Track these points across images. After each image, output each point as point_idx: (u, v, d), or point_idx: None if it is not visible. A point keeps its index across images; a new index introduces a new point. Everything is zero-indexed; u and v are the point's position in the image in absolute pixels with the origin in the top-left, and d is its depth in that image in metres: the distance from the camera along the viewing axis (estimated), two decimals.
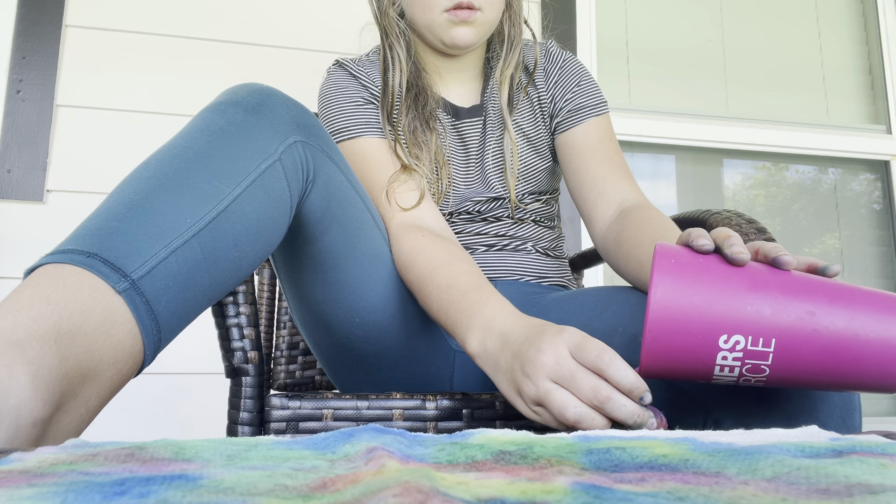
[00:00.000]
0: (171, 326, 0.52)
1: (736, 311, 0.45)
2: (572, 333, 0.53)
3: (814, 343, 0.45)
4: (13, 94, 1.41)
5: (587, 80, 0.91)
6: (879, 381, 0.46)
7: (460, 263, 0.71)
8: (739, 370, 0.46)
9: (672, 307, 0.46)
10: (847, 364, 0.45)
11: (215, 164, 0.55)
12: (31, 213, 1.39)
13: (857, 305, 0.45)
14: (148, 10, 1.50)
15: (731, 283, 0.46)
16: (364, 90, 0.87)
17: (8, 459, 0.30)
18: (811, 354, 0.45)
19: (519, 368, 0.55)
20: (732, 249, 0.47)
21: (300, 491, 0.26)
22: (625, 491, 0.26)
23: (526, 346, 0.55)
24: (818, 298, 0.45)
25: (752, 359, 0.46)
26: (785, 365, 0.46)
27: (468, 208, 0.89)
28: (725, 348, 0.46)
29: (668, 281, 0.46)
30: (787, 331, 0.45)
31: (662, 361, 0.47)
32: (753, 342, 0.45)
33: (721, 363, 0.46)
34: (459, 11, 0.81)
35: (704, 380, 0.48)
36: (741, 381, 0.48)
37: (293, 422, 0.69)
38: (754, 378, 0.47)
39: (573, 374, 0.51)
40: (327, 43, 1.57)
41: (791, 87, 1.98)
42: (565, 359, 0.51)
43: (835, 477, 0.27)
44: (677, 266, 0.47)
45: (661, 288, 0.46)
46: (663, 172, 1.88)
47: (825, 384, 0.47)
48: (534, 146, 0.91)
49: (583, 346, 0.51)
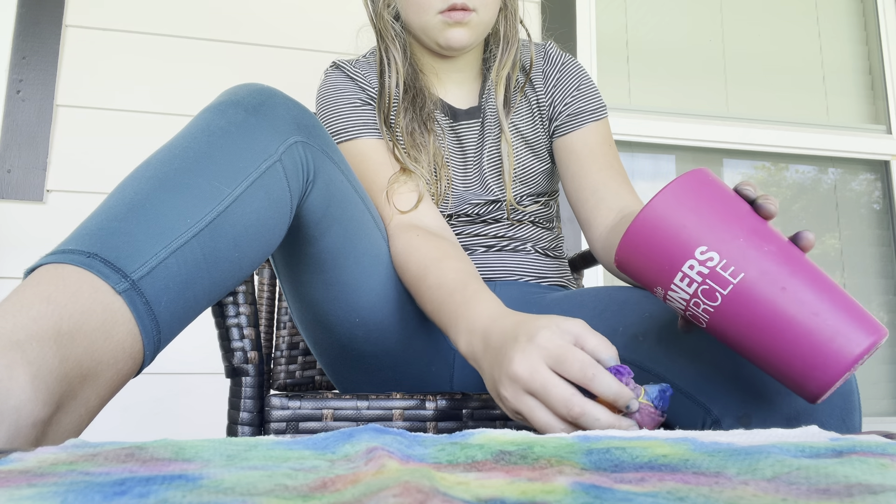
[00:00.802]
0: (171, 327, 0.52)
1: (727, 234, 0.47)
2: (546, 341, 0.50)
3: (774, 298, 0.46)
4: (13, 94, 1.41)
5: (587, 84, 0.91)
6: (805, 375, 0.45)
7: (449, 261, 0.70)
8: (696, 288, 0.48)
9: (681, 199, 0.48)
10: (789, 337, 0.45)
11: (216, 165, 0.55)
12: (31, 213, 1.39)
13: (831, 294, 0.46)
14: (148, 10, 1.50)
15: (740, 219, 0.48)
16: (361, 91, 0.87)
17: (8, 459, 0.30)
18: (765, 308, 0.46)
19: (498, 378, 0.53)
20: (765, 200, 0.49)
21: (300, 491, 0.26)
22: (625, 491, 0.26)
23: (501, 354, 0.53)
24: (803, 270, 0.47)
25: (713, 281, 0.47)
26: (736, 305, 0.46)
27: (467, 210, 0.89)
28: (698, 258, 0.47)
29: (691, 182, 0.49)
30: (759, 276, 0.46)
31: (640, 245, 0.49)
32: (724, 266, 0.47)
33: (686, 271, 0.48)
34: (453, 13, 0.81)
35: (663, 287, 0.49)
36: (691, 303, 0.49)
37: (293, 422, 0.69)
38: (703, 306, 0.48)
39: (545, 388, 0.49)
40: (326, 43, 1.57)
41: (791, 87, 1.98)
42: (538, 371, 0.49)
43: (835, 477, 0.27)
44: (707, 181, 0.50)
45: (683, 182, 0.49)
46: (663, 172, 1.88)
47: (756, 351, 0.47)
48: (532, 148, 0.91)
49: (563, 359, 0.49)
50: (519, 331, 0.53)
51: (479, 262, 0.88)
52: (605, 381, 0.48)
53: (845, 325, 0.45)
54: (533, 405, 0.50)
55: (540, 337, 0.51)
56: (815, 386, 0.45)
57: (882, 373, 1.91)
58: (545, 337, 0.50)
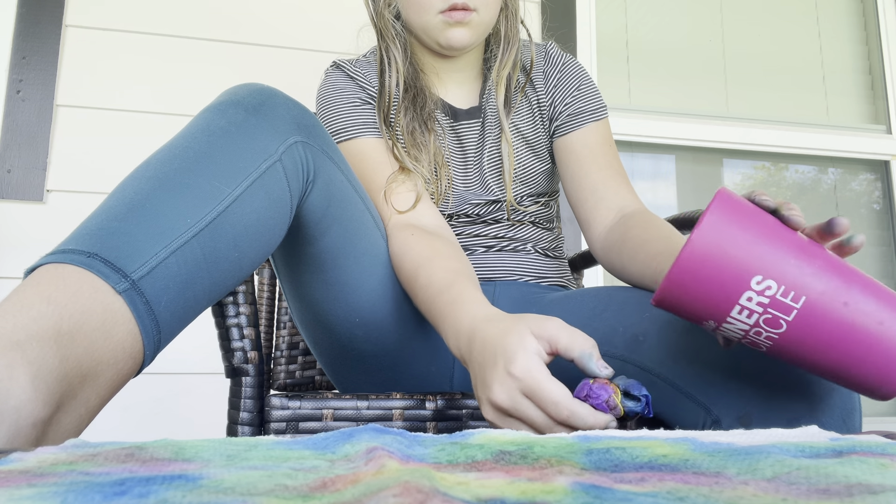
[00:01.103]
0: (171, 327, 0.52)
1: (780, 259, 0.46)
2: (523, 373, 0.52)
3: (842, 316, 0.45)
4: (13, 94, 1.41)
5: (587, 84, 0.91)
6: (880, 381, 0.45)
7: (440, 260, 0.71)
8: (757, 318, 0.46)
9: (722, 231, 0.46)
10: (860, 350, 0.45)
11: (216, 165, 0.55)
12: (31, 213, 1.39)
13: (888, 298, 0.45)
14: (148, 10, 1.50)
15: (783, 237, 0.47)
16: (361, 91, 0.87)
17: (8, 459, 0.30)
18: (832, 326, 0.45)
19: (480, 394, 0.57)
20: (792, 213, 0.48)
21: (300, 491, 0.26)
22: (625, 491, 0.26)
23: (483, 373, 0.56)
24: (855, 278, 0.46)
25: (776, 310, 0.46)
26: (803, 328, 0.46)
27: (467, 210, 0.89)
28: (755, 289, 0.46)
29: (727, 209, 0.47)
30: (821, 295, 0.45)
31: (688, 283, 0.47)
32: (785, 293, 0.45)
33: (744, 304, 0.46)
34: (454, 13, 0.81)
35: (716, 321, 0.48)
36: (751, 333, 0.47)
37: (293, 422, 0.69)
38: (766, 334, 0.47)
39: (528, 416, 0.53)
40: (326, 43, 1.57)
41: (791, 87, 1.98)
42: (518, 402, 0.53)
43: (835, 477, 0.27)
44: (738, 203, 0.48)
45: (718, 212, 0.47)
46: (663, 172, 1.88)
47: (826, 366, 0.46)
48: (532, 148, 0.91)
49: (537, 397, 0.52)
50: (497, 351, 0.55)
51: (479, 262, 0.88)
52: (581, 417, 0.50)
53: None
54: (516, 426, 0.54)
55: (516, 366, 0.52)
56: (888, 389, 0.45)
57: None
58: (521, 367, 0.52)
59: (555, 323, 0.54)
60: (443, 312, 0.64)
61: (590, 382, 0.52)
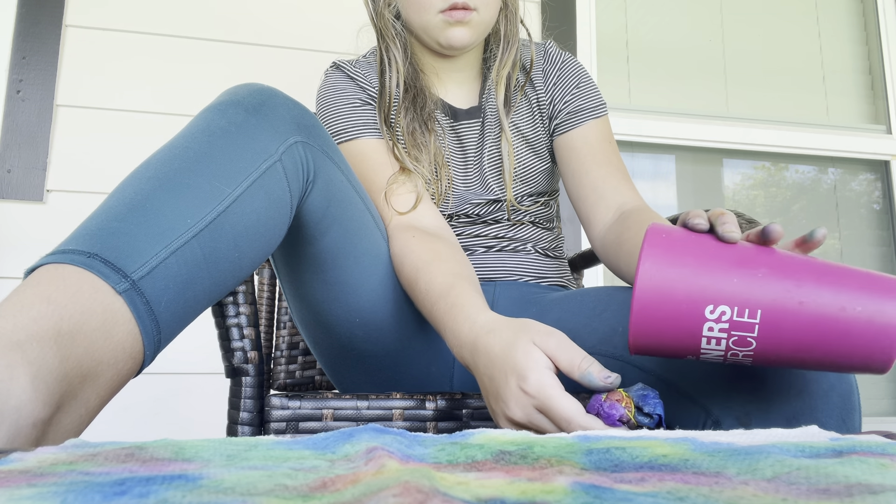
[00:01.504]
0: (171, 327, 0.52)
1: (722, 281, 0.46)
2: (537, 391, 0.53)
3: (799, 316, 0.45)
4: (13, 94, 1.41)
5: (586, 82, 0.91)
6: (866, 360, 0.46)
7: (439, 264, 0.71)
8: (726, 342, 0.47)
9: (659, 277, 0.47)
10: (833, 340, 0.45)
11: (216, 165, 0.55)
12: (31, 213, 1.39)
13: (844, 281, 0.46)
14: (148, 10, 1.50)
15: (720, 258, 0.47)
16: (361, 91, 0.87)
17: (8, 459, 0.30)
18: (797, 328, 0.45)
19: (495, 409, 0.57)
20: (724, 228, 0.48)
21: (300, 491, 0.26)
22: (625, 491, 0.26)
23: (495, 388, 0.56)
24: (807, 273, 0.46)
25: (739, 330, 0.46)
26: (771, 338, 0.46)
27: (468, 210, 0.89)
28: (711, 318, 0.46)
29: (658, 253, 0.48)
30: (773, 302, 0.45)
31: (651, 332, 0.48)
32: (739, 313, 0.46)
33: (707, 335, 0.47)
34: (455, 12, 0.81)
35: (693, 355, 0.49)
36: (729, 355, 0.48)
37: (293, 422, 0.69)
38: (742, 352, 0.47)
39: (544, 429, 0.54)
40: (326, 43, 1.57)
41: (791, 87, 1.98)
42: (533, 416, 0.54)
43: (835, 477, 0.27)
44: (668, 240, 0.48)
45: (649, 260, 0.47)
46: (663, 172, 1.88)
47: (812, 362, 0.47)
48: (532, 147, 0.91)
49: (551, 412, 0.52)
50: (507, 367, 0.55)
51: (479, 263, 0.88)
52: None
53: (873, 304, 0.45)
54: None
55: (529, 384, 0.53)
56: (880, 365, 0.45)
57: None
58: (534, 385, 0.53)
59: (556, 339, 0.55)
60: (442, 319, 0.65)
61: (601, 399, 0.53)
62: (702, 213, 0.51)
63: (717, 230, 0.49)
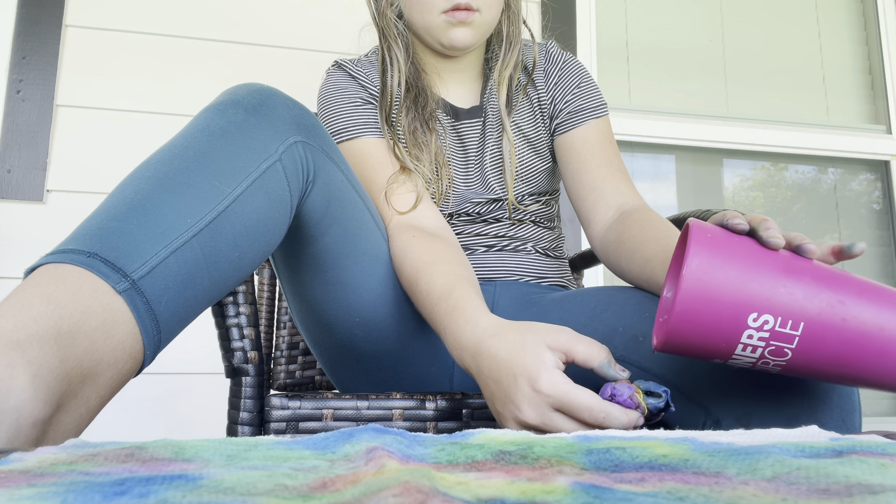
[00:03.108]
0: (171, 326, 0.52)
1: (769, 290, 0.45)
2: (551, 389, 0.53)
3: (841, 332, 0.45)
4: (13, 94, 1.41)
5: (587, 82, 0.91)
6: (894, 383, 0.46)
7: (440, 265, 0.70)
8: (762, 351, 0.46)
9: (706, 279, 0.45)
10: (868, 358, 0.45)
11: (216, 165, 0.55)
12: (31, 213, 1.39)
13: (884, 300, 0.45)
14: (148, 10, 1.50)
15: (766, 264, 0.46)
16: (363, 90, 0.87)
17: (8, 459, 0.30)
18: (836, 343, 0.45)
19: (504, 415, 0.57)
20: (768, 233, 0.47)
21: (300, 491, 0.26)
22: (625, 491, 0.26)
23: (504, 393, 0.56)
24: (848, 289, 0.45)
25: (778, 341, 0.45)
26: (808, 352, 0.45)
27: (468, 209, 0.89)
28: (753, 326, 0.45)
29: (705, 253, 0.46)
30: (818, 317, 0.45)
31: (687, 334, 0.47)
32: (782, 324, 0.45)
33: (745, 342, 0.46)
34: (457, 13, 0.81)
35: (721, 359, 0.48)
36: (759, 363, 0.47)
37: (293, 422, 0.69)
38: (774, 362, 0.47)
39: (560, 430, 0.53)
40: (327, 43, 1.57)
41: (791, 87, 1.98)
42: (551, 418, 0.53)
43: (835, 477, 0.27)
44: (714, 240, 0.47)
45: (696, 259, 0.46)
46: (663, 172, 1.88)
47: (843, 377, 0.46)
48: (533, 147, 0.91)
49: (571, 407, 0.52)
50: (515, 370, 0.55)
51: (479, 262, 0.88)
52: (615, 417, 0.51)
53: None
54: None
55: (542, 384, 0.53)
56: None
57: None
58: (547, 383, 0.53)
59: (566, 334, 0.55)
60: (443, 323, 0.64)
61: (612, 384, 0.54)
62: (740, 214, 0.49)
63: (760, 234, 0.47)
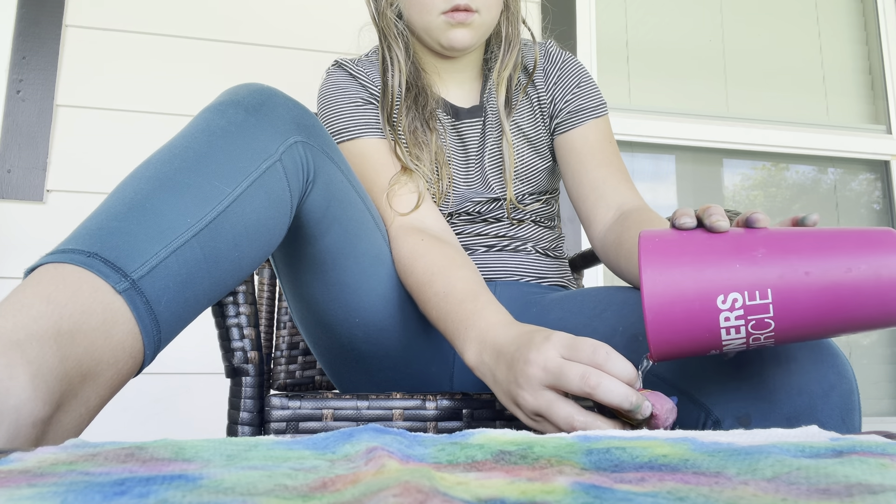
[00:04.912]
0: (172, 326, 0.52)
1: (727, 270, 0.46)
2: (561, 337, 0.52)
3: (809, 286, 0.46)
4: (13, 94, 1.41)
5: (587, 82, 0.91)
6: (886, 315, 0.46)
7: (457, 270, 0.70)
8: (746, 329, 0.47)
9: (664, 281, 0.47)
10: (847, 301, 0.46)
11: (216, 165, 0.55)
12: (31, 213, 1.39)
13: (842, 244, 0.46)
14: (148, 10, 1.50)
15: (717, 248, 0.47)
16: (363, 90, 0.87)
17: (8, 459, 0.30)
18: (810, 297, 0.46)
19: (514, 381, 0.55)
20: (712, 219, 0.49)
21: (300, 491, 0.26)
22: (625, 491, 0.26)
23: (517, 357, 0.55)
24: (803, 245, 0.47)
25: (755, 313, 0.46)
26: (788, 314, 0.46)
27: (468, 209, 0.89)
28: (725, 308, 0.46)
29: (655, 257, 0.48)
30: (781, 278, 0.46)
31: (669, 338, 0.48)
32: (751, 296, 0.46)
33: (725, 325, 0.47)
34: (456, 13, 0.81)
35: (717, 350, 0.49)
36: (751, 341, 0.48)
37: (293, 422, 0.69)
38: (763, 335, 0.47)
39: (561, 370, 0.50)
40: (327, 43, 1.57)
41: (791, 87, 1.98)
42: (553, 360, 0.51)
43: (835, 477, 0.27)
44: (662, 243, 0.49)
45: (650, 266, 0.47)
46: (663, 172, 1.88)
47: (834, 328, 0.47)
48: (533, 146, 0.91)
49: (575, 346, 0.51)
50: (534, 333, 0.55)
51: (479, 262, 0.88)
52: (619, 361, 0.50)
53: (876, 259, 0.45)
54: (551, 398, 0.52)
55: (555, 335, 0.53)
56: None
57: (882, 373, 1.91)
58: (559, 335, 0.53)
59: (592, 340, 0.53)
60: (465, 322, 0.64)
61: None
62: (689, 211, 0.51)
63: (705, 223, 0.49)
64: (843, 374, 0.54)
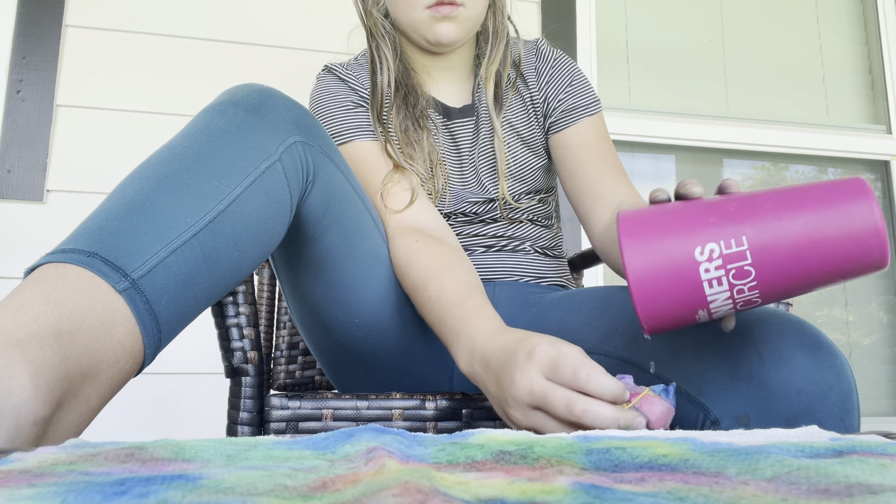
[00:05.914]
0: (172, 326, 0.52)
1: (701, 223, 0.48)
2: (543, 354, 0.52)
3: (783, 229, 0.47)
4: (13, 94, 1.41)
5: (579, 80, 0.91)
6: (862, 258, 0.46)
7: (450, 271, 0.70)
8: (728, 280, 0.47)
9: (643, 247, 0.48)
10: (822, 245, 0.46)
11: (215, 165, 0.55)
12: (31, 213, 1.39)
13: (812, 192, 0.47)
14: (148, 10, 1.50)
15: (691, 209, 0.49)
16: (353, 94, 0.87)
17: (8, 459, 0.30)
18: (785, 242, 0.47)
19: (504, 399, 0.55)
20: (686, 187, 0.50)
21: (300, 491, 0.26)
22: (625, 491, 0.26)
23: (503, 377, 0.54)
24: (773, 195, 0.48)
25: (734, 261, 0.47)
26: (766, 259, 0.47)
27: (465, 209, 0.89)
28: (704, 259, 0.47)
29: (633, 230, 0.49)
30: (753, 225, 0.47)
31: (655, 302, 0.48)
32: (727, 244, 0.47)
33: (707, 277, 0.47)
34: (441, 7, 0.81)
35: (704, 308, 0.49)
36: (735, 293, 0.48)
37: (293, 422, 0.69)
38: (747, 285, 0.48)
39: (545, 396, 0.50)
40: (327, 43, 1.57)
41: (791, 87, 1.98)
42: (538, 383, 0.51)
43: (835, 477, 0.27)
44: (639, 216, 0.50)
45: (628, 237, 0.49)
46: (663, 172, 1.88)
47: (816, 275, 0.47)
48: (527, 144, 0.91)
49: (557, 366, 0.51)
50: (518, 347, 0.54)
51: (477, 263, 0.88)
52: (601, 381, 0.49)
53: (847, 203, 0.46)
54: (541, 418, 0.52)
55: (537, 352, 0.52)
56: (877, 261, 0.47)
57: (882, 373, 1.91)
58: (541, 350, 0.52)
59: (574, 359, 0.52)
60: (455, 329, 0.63)
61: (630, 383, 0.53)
62: (663, 188, 0.53)
63: (679, 191, 0.51)
64: (841, 374, 0.54)
